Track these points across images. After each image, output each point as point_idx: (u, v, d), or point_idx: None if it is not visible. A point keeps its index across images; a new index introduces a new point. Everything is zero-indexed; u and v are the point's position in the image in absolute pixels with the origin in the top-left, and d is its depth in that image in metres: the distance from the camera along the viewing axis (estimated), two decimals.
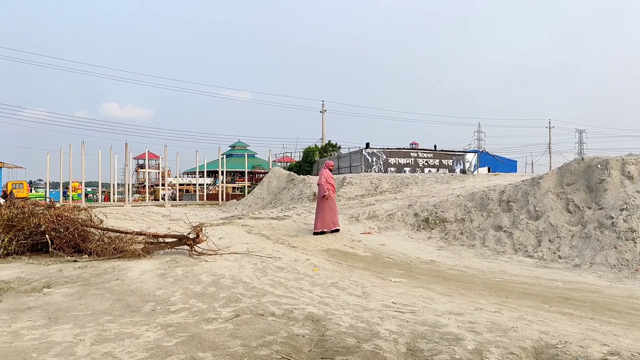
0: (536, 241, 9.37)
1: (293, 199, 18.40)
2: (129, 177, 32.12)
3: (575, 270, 7.90)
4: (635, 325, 4.40)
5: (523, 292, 5.98)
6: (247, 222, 10.62)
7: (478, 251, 9.66)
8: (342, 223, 12.15)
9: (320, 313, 4.38)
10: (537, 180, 10.66)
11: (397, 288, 5.82)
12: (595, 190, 9.55)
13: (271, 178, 22.45)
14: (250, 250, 7.59)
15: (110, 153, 29.42)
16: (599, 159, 10.07)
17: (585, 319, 4.57)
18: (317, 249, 8.68)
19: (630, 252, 8.06)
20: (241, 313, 4.36)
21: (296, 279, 5.99)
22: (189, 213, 18.31)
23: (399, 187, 17.60)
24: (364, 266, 7.49)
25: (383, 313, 4.44)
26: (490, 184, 13.64)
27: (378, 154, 30.38)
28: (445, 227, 11.16)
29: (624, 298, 5.75)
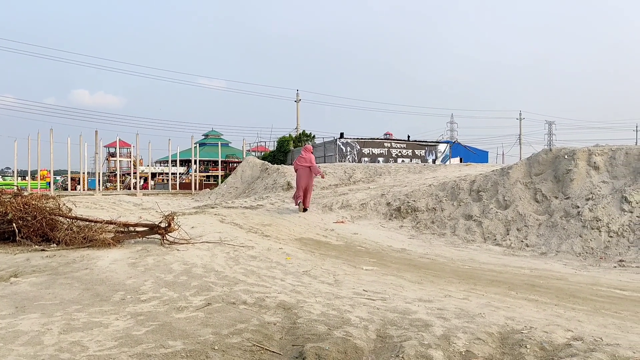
0: (505, 230, 9.57)
1: (267, 189, 18.34)
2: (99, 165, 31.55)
3: (542, 258, 8.10)
4: (598, 312, 4.54)
5: (491, 279, 6.11)
6: (220, 211, 10.57)
7: (448, 240, 9.81)
8: (315, 212, 12.19)
9: (292, 301, 4.40)
10: (507, 171, 10.86)
11: (368, 276, 5.89)
12: (562, 180, 9.78)
13: (245, 167, 22.32)
14: (222, 239, 7.57)
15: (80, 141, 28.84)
16: (566, 150, 10.31)
17: (550, 305, 4.70)
18: (290, 238, 8.70)
19: (595, 241, 8.30)
20: (213, 301, 4.36)
21: (269, 267, 6.00)
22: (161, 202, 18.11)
23: (373, 176, 17.71)
24: (337, 255, 7.54)
25: (354, 301, 4.49)
26: (461, 174, 13.84)
27: (352, 144, 30.47)
28: (417, 216, 11.29)
29: (588, 285, 5.93)
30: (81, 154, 28.12)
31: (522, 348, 3.31)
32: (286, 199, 14.30)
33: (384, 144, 31.92)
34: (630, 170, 9.17)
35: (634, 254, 7.77)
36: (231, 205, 13.75)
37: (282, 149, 35.81)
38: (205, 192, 24.67)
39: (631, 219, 8.38)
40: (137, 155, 35.30)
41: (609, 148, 9.83)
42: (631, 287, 5.83)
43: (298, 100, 45.61)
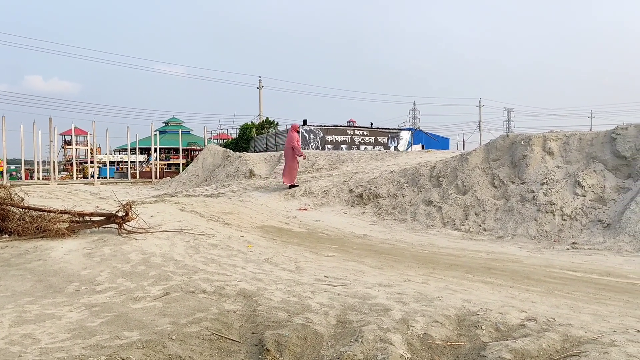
0: (464, 215, 9.76)
1: (229, 176, 18.17)
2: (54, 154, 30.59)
3: (499, 242, 8.30)
4: (551, 293, 4.68)
5: (449, 263, 6.23)
6: (180, 200, 10.41)
7: (409, 225, 9.94)
8: (277, 200, 12.16)
9: (253, 289, 4.38)
10: (466, 157, 11.05)
11: (330, 262, 5.91)
12: (518, 165, 10.02)
13: (206, 155, 22.03)
14: (182, 228, 7.45)
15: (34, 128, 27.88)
16: (522, 136, 10.56)
17: (505, 287, 4.82)
18: (252, 226, 8.65)
19: (549, 224, 8.55)
20: (171, 291, 4.29)
21: (229, 255, 5.95)
22: (120, 191, 17.72)
23: (335, 163, 17.76)
24: (299, 242, 7.54)
25: (315, 287, 4.50)
26: (422, 161, 14.01)
27: (315, 131, 30.43)
28: (379, 202, 11.40)
29: (542, 267, 6.11)
30: (35, 142, 27.22)
31: (477, 329, 3.38)
32: (248, 187, 14.20)
33: (347, 131, 32.00)
34: (583, 156, 9.47)
35: (586, 236, 8.05)
36: (192, 193, 13.57)
37: (245, 137, 35.49)
38: (165, 180, 24.28)
39: (584, 202, 8.66)
40: (94, 143, 34.38)
41: (563, 134, 10.12)
42: (583, 268, 6.04)
43: (261, 87, 45.22)
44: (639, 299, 4.43)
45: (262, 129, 36.93)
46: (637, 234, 7.54)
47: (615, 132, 9.31)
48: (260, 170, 17.83)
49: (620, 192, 8.59)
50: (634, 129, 9.14)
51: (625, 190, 8.57)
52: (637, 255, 7.03)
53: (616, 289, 4.88)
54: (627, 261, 6.59)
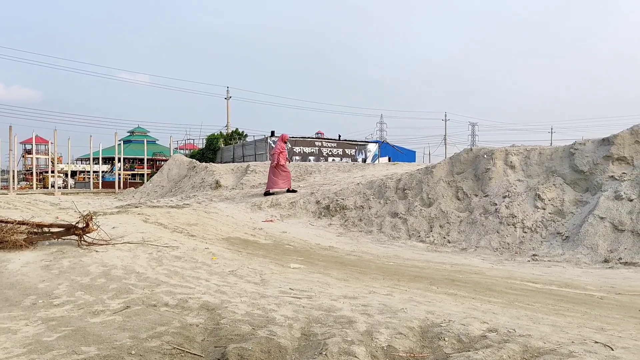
0: (428, 227, 9.88)
1: (194, 187, 17.96)
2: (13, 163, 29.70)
3: (462, 254, 8.43)
4: (512, 304, 4.76)
5: (414, 275, 6.28)
6: (143, 211, 10.22)
7: (375, 237, 10.00)
8: (244, 211, 12.07)
9: (216, 302, 4.32)
10: (431, 169, 11.22)
11: (295, 274, 5.89)
12: (481, 178, 10.22)
13: (171, 165, 21.74)
14: (145, 240, 7.32)
15: None
16: (485, 150, 10.78)
17: (468, 299, 4.88)
18: (217, 238, 8.55)
19: (511, 236, 8.74)
20: (132, 304, 4.19)
21: (193, 268, 5.86)
22: (81, 202, 17.30)
23: (303, 175, 17.76)
24: (264, 254, 7.49)
25: (280, 299, 4.47)
26: (388, 173, 14.14)
27: None
28: (345, 214, 11.44)
29: (503, 279, 6.22)
30: None
31: (440, 341, 3.41)
32: (214, 198, 14.07)
33: (315, 142, 32.11)
34: (543, 170, 9.73)
35: (546, 248, 8.24)
36: (156, 204, 13.35)
37: (212, 147, 35.19)
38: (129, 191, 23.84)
39: (544, 215, 8.88)
40: (55, 152, 33.52)
41: (524, 148, 10.38)
42: (542, 280, 6.18)
43: (228, 97, 45.01)
44: (596, 311, 4.55)
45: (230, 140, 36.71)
46: (594, 246, 7.77)
47: (574, 147, 9.60)
48: (226, 181, 17.69)
49: (579, 205, 8.85)
50: (591, 145, 9.44)
51: (583, 203, 8.82)
52: (594, 267, 7.24)
53: (574, 301, 5.00)
54: (585, 273, 6.77)
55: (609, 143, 9.16)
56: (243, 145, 33.23)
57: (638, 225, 7.72)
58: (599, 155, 9.15)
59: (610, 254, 7.52)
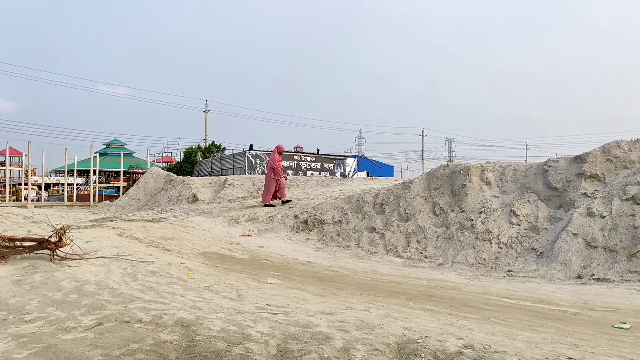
0: (406, 242, 9.93)
1: (171, 201, 17.79)
2: None
3: (439, 269, 8.48)
4: (487, 320, 4.80)
5: (391, 290, 6.29)
6: (118, 225, 10.06)
7: (353, 252, 10.00)
8: (221, 225, 11.98)
9: (192, 318, 4.26)
10: (408, 184, 11.30)
11: (272, 290, 5.85)
12: (458, 194, 10.33)
13: (148, 178, 21.51)
14: (120, 254, 7.20)
15: None
16: (461, 166, 10.92)
17: (444, 315, 4.91)
18: (193, 252, 8.46)
19: (487, 252, 8.83)
20: (105, 321, 4.11)
21: (168, 283, 5.78)
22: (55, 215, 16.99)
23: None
24: (241, 269, 7.43)
25: (256, 315, 4.43)
26: (366, 188, 14.20)
27: (262, 156, 30.38)
28: (323, 228, 11.43)
29: (479, 294, 6.27)
30: None
31: (417, 357, 3.42)
32: (191, 212, 13.94)
33: (293, 156, 32.14)
34: (518, 186, 9.88)
35: (521, 264, 8.35)
36: (132, 218, 13.17)
37: (189, 160, 34.96)
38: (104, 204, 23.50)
39: (518, 231, 9.01)
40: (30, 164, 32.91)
41: (499, 165, 10.54)
42: (517, 295, 6.24)
43: (207, 110, 44.85)
44: (569, 327, 4.61)
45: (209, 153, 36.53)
46: (567, 262, 7.90)
47: (547, 164, 9.79)
48: (204, 195, 17.56)
49: (552, 221, 8.99)
50: (564, 162, 9.64)
51: (557, 220, 8.97)
52: (568, 283, 7.35)
53: (549, 316, 5.06)
54: (559, 289, 6.86)
55: (581, 161, 9.36)
56: (221, 159, 33.09)
57: (610, 241, 7.87)
58: (571, 172, 9.34)
59: (583, 270, 7.65)
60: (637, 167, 8.80)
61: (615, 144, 9.36)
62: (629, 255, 7.55)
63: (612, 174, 9.03)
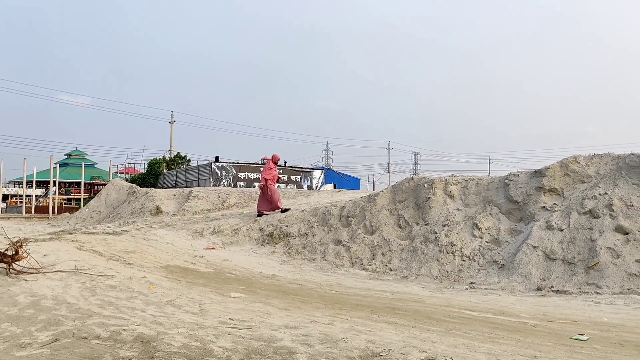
0: (371, 254, 9.98)
1: (134, 213, 17.45)
2: None
3: (403, 282, 8.54)
4: (450, 332, 4.85)
5: (355, 303, 6.30)
6: (78, 238, 9.80)
7: (318, 265, 9.99)
8: (185, 238, 11.80)
9: (152, 333, 4.17)
10: (374, 197, 11.38)
11: (236, 304, 5.78)
12: (422, 207, 10.46)
13: (110, 190, 21.07)
14: (78, 268, 7.01)
15: None
16: (426, 179, 11.07)
17: (408, 327, 4.94)
18: (155, 266, 8.30)
19: (450, 264, 8.94)
20: (61, 337, 3.98)
21: (129, 298, 5.65)
22: (12, 227, 16.44)
23: (247, 201, 17.61)
24: (204, 282, 7.32)
25: (219, 330, 4.37)
26: (333, 200, 14.24)
27: (228, 168, 30.15)
28: (289, 241, 11.39)
29: (442, 307, 6.34)
30: None
31: None
32: (154, 224, 13.69)
33: (260, 168, 31.99)
34: (481, 199, 10.08)
35: (483, 276, 8.49)
36: (92, 231, 12.85)
37: (153, 172, 34.41)
38: (64, 216, 22.89)
39: (481, 244, 9.17)
40: None
41: (462, 178, 10.73)
42: (479, 307, 6.34)
43: (172, 121, 44.38)
44: (529, 338, 4.70)
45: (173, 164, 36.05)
46: (528, 274, 8.07)
47: (508, 178, 10.02)
48: (168, 207, 17.29)
49: (513, 234, 9.19)
50: (524, 176, 9.88)
51: (517, 232, 9.17)
52: (528, 295, 7.50)
53: (509, 328, 5.14)
54: (519, 300, 7.00)
55: (540, 175, 9.62)
56: (186, 171, 32.69)
57: (568, 254, 8.09)
58: (531, 186, 9.58)
59: (543, 282, 7.82)
60: (594, 182, 9.09)
61: (573, 159, 9.65)
62: (586, 267, 7.77)
63: (570, 188, 9.31)
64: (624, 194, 8.44)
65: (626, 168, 8.82)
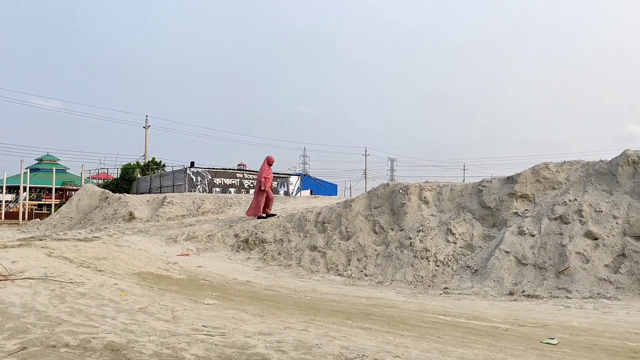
0: (346, 260, 9.99)
1: (106, 219, 17.17)
2: None
3: (378, 287, 8.57)
4: (424, 337, 4.88)
5: (330, 309, 6.29)
6: (48, 244, 9.60)
7: (294, 271, 9.96)
8: (158, 244, 11.66)
9: (123, 341, 4.10)
10: (349, 203, 11.42)
11: (209, 311, 5.72)
12: (397, 213, 10.53)
13: (82, 196, 20.69)
14: (48, 275, 6.87)
15: None
16: (401, 185, 11.15)
17: (382, 333, 4.95)
18: (127, 273, 8.17)
19: (425, 270, 9.01)
20: (29, 345, 3.89)
21: (99, 305, 5.55)
22: None
23: (222, 207, 17.47)
24: (178, 289, 7.24)
25: (192, 337, 4.32)
26: (309, 206, 14.23)
27: (203, 173, 29.93)
28: (265, 247, 11.34)
29: (416, 312, 6.37)
30: None
31: None
32: (127, 231, 13.49)
33: (236, 174, 31.84)
34: (455, 205, 10.18)
35: (457, 281, 8.57)
36: (63, 237, 12.58)
37: (127, 177, 33.98)
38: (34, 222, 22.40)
39: (455, 249, 9.26)
40: None
41: (437, 185, 10.84)
42: (452, 312, 6.39)
43: (147, 126, 43.89)
44: (501, 342, 4.75)
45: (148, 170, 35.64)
46: (500, 279, 8.17)
47: (482, 184, 10.15)
48: (141, 213, 17.06)
49: (486, 240, 9.31)
50: (497, 182, 10.03)
51: (490, 238, 9.29)
52: (500, 299, 7.60)
53: (481, 333, 5.20)
54: (492, 305, 7.08)
55: (513, 181, 9.77)
56: (161, 176, 32.35)
57: (539, 259, 8.22)
58: (504, 192, 9.72)
59: (515, 287, 7.93)
60: (564, 188, 9.27)
61: (544, 166, 9.83)
62: (557, 272, 7.91)
63: (541, 194, 9.47)
64: (593, 200, 8.62)
65: (595, 175, 9.01)
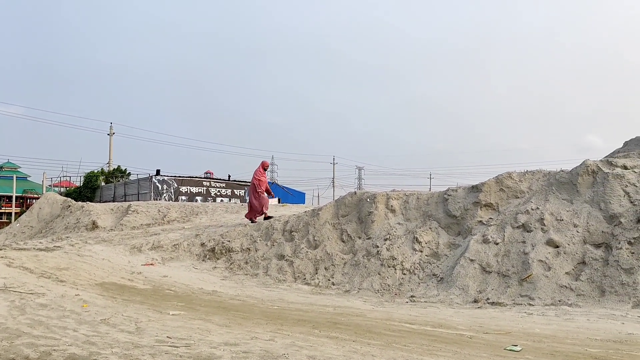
0: (314, 269, 9.99)
1: (68, 228, 16.74)
2: None
3: (345, 296, 8.59)
4: (390, 346, 4.90)
5: (297, 318, 6.27)
6: (7, 254, 9.29)
7: (261, 280, 9.90)
8: (122, 254, 11.42)
9: (84, 354, 4.00)
10: (317, 212, 11.43)
11: (174, 321, 5.63)
12: (365, 221, 10.59)
13: (43, 204, 20.13)
14: (7, 286, 6.65)
15: None
16: (368, 194, 11.23)
17: (348, 342, 4.96)
18: (90, 283, 7.97)
19: (391, 278, 9.08)
20: None
21: (60, 317, 5.40)
22: None
23: (189, 216, 17.26)
24: (142, 300, 7.10)
25: (156, 349, 4.24)
26: (276, 214, 14.17)
27: (169, 181, 29.52)
28: (231, 256, 11.23)
29: (383, 320, 6.41)
30: None
31: None
32: (90, 240, 13.18)
33: (202, 182, 31.51)
34: (421, 214, 10.31)
35: (423, 289, 8.66)
36: (23, 246, 12.21)
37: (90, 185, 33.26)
38: None
39: (421, 257, 9.36)
40: None
41: (403, 193, 10.96)
42: (419, 320, 6.45)
43: (112, 133, 43.09)
44: (466, 350, 4.82)
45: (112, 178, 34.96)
46: (465, 287, 8.30)
47: (447, 193, 10.31)
48: (104, 221, 16.71)
49: (452, 248, 9.45)
50: (462, 191, 10.20)
51: (456, 246, 9.43)
52: (465, 307, 7.71)
53: (447, 340, 5.26)
54: (457, 313, 7.17)
55: (477, 190, 9.96)
56: (125, 184, 31.76)
57: (503, 267, 8.38)
58: (469, 201, 9.90)
59: (479, 295, 8.07)
60: (527, 197, 9.49)
61: (507, 175, 10.06)
62: (520, 279, 8.08)
63: (504, 203, 9.68)
64: (555, 208, 8.85)
65: (556, 184, 9.26)
